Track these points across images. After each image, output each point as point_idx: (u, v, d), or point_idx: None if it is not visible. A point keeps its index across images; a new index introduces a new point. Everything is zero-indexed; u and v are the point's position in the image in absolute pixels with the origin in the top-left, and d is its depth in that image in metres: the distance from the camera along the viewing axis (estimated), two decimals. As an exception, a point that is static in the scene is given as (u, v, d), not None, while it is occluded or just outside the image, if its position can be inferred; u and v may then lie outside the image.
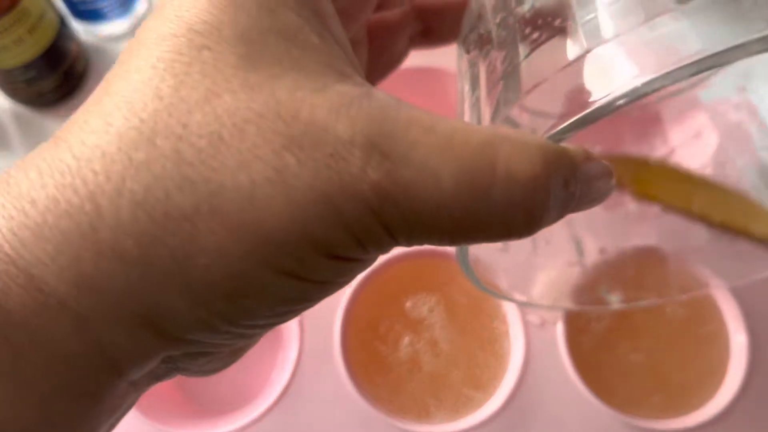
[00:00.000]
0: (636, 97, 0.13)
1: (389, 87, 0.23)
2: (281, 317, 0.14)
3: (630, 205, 0.39)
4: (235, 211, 0.12)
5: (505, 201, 0.13)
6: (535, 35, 0.16)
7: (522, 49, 0.16)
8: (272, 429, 0.37)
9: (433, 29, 0.22)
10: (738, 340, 0.38)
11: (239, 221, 0.12)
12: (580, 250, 0.38)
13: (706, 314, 0.40)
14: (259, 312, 0.13)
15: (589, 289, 0.38)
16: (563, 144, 0.14)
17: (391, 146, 0.12)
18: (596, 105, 0.13)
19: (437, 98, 0.44)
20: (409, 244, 0.14)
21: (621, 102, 0.13)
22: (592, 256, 0.38)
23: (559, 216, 0.15)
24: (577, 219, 0.35)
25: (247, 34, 0.13)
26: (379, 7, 0.20)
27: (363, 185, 0.12)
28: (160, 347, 0.13)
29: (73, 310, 0.12)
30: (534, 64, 0.16)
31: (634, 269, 0.38)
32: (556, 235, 0.36)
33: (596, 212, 0.30)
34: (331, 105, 0.13)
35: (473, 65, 0.19)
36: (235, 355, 0.16)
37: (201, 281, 0.12)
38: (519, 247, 0.33)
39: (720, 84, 0.34)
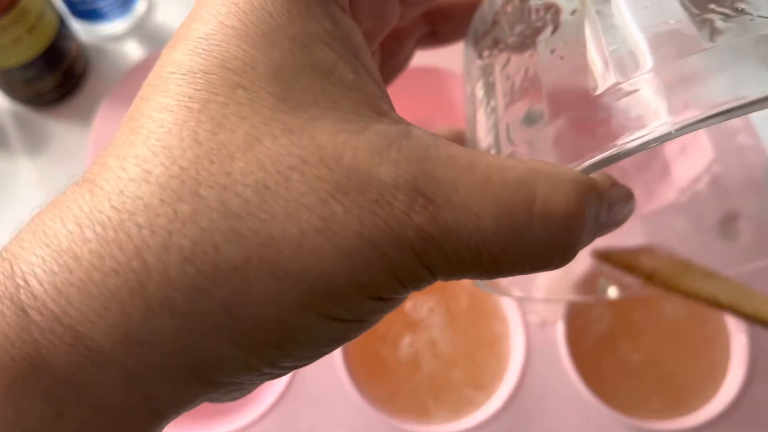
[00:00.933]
0: (667, 140, 0.13)
1: (391, 86, 0.23)
2: (319, 357, 0.14)
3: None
4: (284, 260, 0.12)
5: (543, 238, 0.13)
6: (558, 54, 0.16)
7: (543, 68, 0.16)
8: (272, 429, 0.37)
9: (440, 31, 0.22)
10: (738, 340, 0.38)
11: (288, 271, 0.12)
12: None
13: (706, 314, 0.40)
14: (303, 355, 0.13)
15: (587, 285, 0.38)
16: (591, 175, 0.15)
17: (434, 189, 0.13)
18: (629, 145, 0.13)
19: (437, 98, 0.44)
20: (447, 279, 0.14)
21: (653, 144, 0.13)
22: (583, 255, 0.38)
23: (588, 243, 0.15)
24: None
25: (282, 72, 0.13)
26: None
27: (408, 231, 0.12)
28: (203, 392, 0.13)
29: (120, 365, 0.12)
30: (557, 84, 0.16)
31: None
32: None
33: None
34: (373, 148, 0.13)
35: (488, 73, 0.19)
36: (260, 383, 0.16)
37: (251, 331, 0.12)
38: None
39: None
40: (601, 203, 0.15)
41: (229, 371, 0.13)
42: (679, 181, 0.38)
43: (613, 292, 0.37)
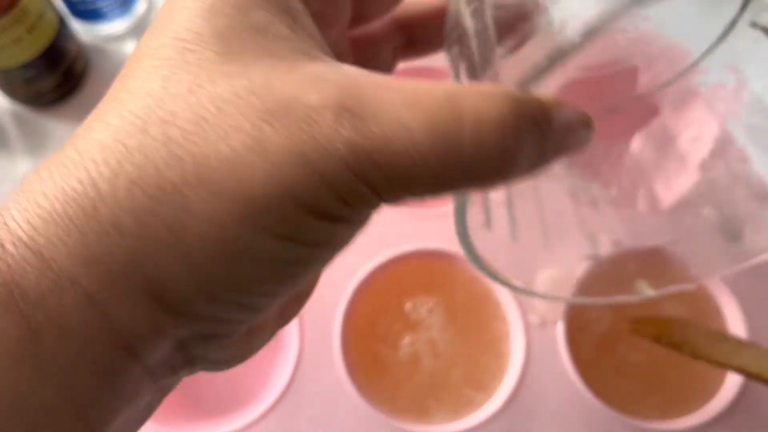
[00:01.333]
0: (591, 33, 0.13)
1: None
2: (285, 283, 0.15)
3: (640, 204, 0.39)
4: (220, 179, 0.13)
5: (477, 146, 0.14)
6: (504, 25, 0.17)
7: (494, 37, 0.17)
8: (272, 429, 0.37)
9: (416, 40, 0.22)
10: (738, 340, 0.38)
11: (225, 188, 0.13)
12: (595, 244, 0.38)
13: (707, 314, 0.40)
14: (259, 276, 0.14)
15: (591, 285, 0.38)
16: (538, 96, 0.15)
17: (361, 106, 0.13)
18: (555, 47, 0.14)
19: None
20: (394, 200, 0.14)
21: (579, 39, 0.14)
22: (607, 250, 0.38)
23: (539, 162, 0.15)
24: (589, 218, 0.35)
25: (224, 34, 0.15)
26: (360, 21, 0.20)
27: (336, 143, 0.13)
28: (166, 322, 0.14)
29: (83, 286, 0.13)
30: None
31: (638, 267, 0.38)
32: (568, 230, 0.36)
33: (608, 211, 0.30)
34: (302, 79, 0.14)
35: (456, 64, 0.20)
36: (250, 344, 0.17)
37: (196, 247, 0.13)
38: (528, 241, 0.33)
39: (714, 69, 0.34)
40: (542, 115, 0.15)
41: (186, 294, 0.13)
42: (695, 172, 0.38)
43: (649, 292, 0.37)
